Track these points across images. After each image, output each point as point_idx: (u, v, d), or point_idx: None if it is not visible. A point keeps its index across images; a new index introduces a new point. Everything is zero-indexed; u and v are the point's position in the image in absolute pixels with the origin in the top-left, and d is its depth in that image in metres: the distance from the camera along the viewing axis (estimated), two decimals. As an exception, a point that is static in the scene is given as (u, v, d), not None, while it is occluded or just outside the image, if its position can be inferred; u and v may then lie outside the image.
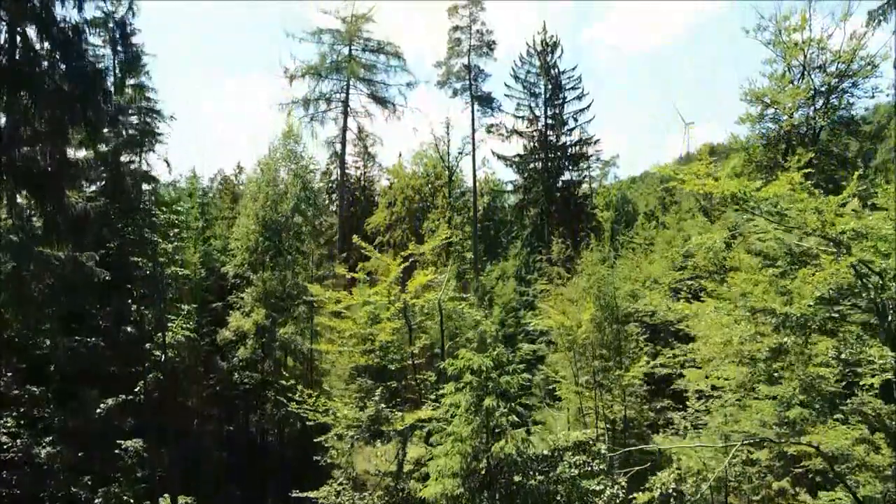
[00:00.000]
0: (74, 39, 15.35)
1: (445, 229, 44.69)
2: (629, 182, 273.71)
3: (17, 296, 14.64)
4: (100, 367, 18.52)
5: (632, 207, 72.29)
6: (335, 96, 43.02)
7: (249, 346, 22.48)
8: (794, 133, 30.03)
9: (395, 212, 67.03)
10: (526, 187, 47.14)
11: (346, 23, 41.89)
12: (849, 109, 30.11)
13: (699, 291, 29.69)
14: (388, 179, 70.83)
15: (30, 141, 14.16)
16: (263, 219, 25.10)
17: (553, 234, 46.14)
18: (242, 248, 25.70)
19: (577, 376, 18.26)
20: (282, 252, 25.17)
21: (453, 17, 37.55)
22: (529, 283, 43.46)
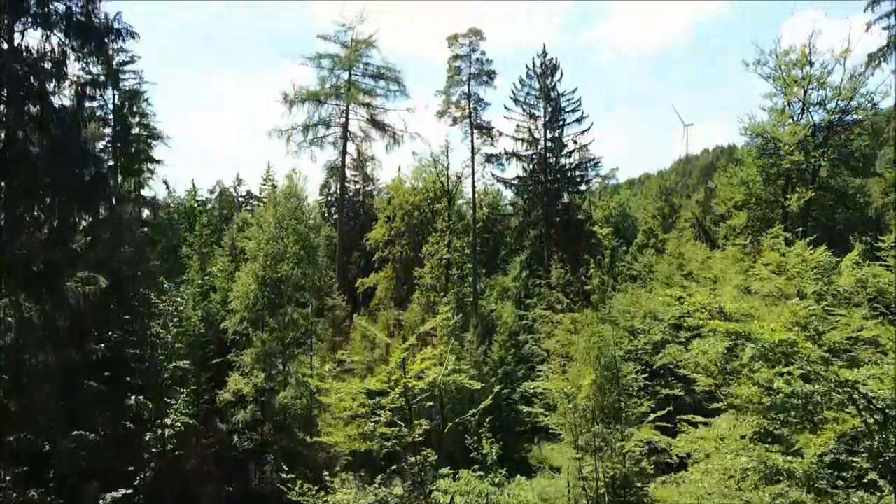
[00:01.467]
0: (74, 136, 15.31)
1: (446, 300, 44.92)
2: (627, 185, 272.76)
3: (18, 392, 14.52)
4: (99, 462, 18.15)
5: (631, 223, 72.22)
6: (334, 119, 43.04)
7: (249, 411, 22.49)
8: (794, 169, 30.05)
9: (394, 227, 66.99)
10: (525, 210, 47.14)
11: (346, 48, 41.87)
12: (849, 146, 30.14)
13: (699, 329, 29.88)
14: (387, 193, 70.97)
15: (29, 238, 14.13)
16: (262, 278, 25.09)
17: (552, 258, 46.21)
18: (242, 307, 25.69)
19: (576, 440, 18.29)
20: (282, 304, 25.08)
21: (453, 46, 37.54)
22: (529, 306, 43.51)
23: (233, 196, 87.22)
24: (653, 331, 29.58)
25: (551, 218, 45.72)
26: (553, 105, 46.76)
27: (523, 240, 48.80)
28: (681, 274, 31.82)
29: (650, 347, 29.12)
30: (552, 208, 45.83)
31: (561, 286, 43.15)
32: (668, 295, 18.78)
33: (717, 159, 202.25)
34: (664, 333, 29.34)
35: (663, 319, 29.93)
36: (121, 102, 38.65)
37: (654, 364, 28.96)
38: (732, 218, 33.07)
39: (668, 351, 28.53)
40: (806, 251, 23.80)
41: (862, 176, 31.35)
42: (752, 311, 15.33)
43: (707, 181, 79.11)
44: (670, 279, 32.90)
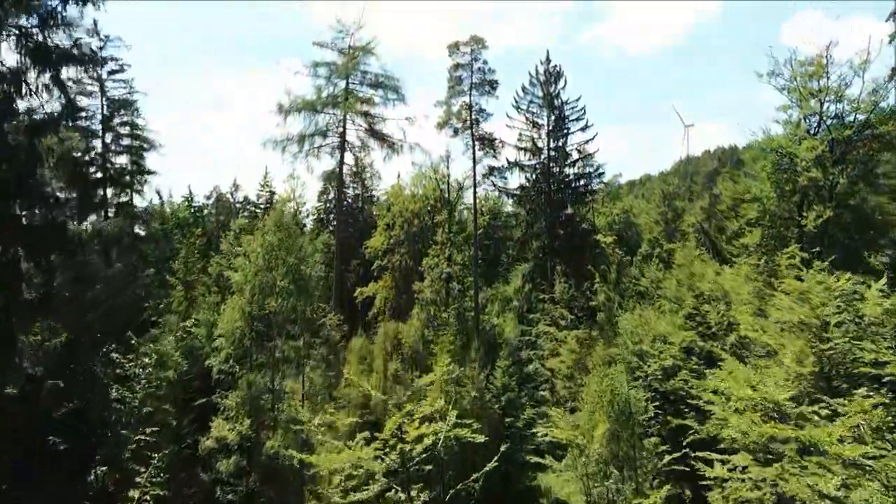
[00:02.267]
0: (28, 175, 13.92)
1: (446, 320, 43.63)
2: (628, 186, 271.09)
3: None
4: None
5: (635, 231, 70.85)
6: (332, 129, 41.70)
7: (233, 461, 21.11)
8: (811, 186, 28.72)
9: (393, 234, 65.66)
10: (528, 222, 45.83)
11: (343, 54, 40.53)
12: (869, 162, 28.82)
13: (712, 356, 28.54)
14: (386, 200, 69.60)
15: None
16: (250, 314, 23.77)
17: (556, 271, 44.93)
18: (227, 344, 24.35)
19: (588, 494, 17.03)
20: (272, 337, 23.68)
21: (454, 55, 36.22)
22: (532, 321, 42.18)
23: (230, 202, 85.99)
24: (663, 355, 28.27)
25: (555, 230, 44.41)
26: (557, 113, 45.46)
27: (526, 251, 47.49)
28: (692, 295, 30.42)
29: (660, 373, 27.83)
30: (556, 220, 44.51)
31: (565, 301, 41.90)
32: (718, 378, 17.57)
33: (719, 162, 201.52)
34: (675, 358, 28.04)
35: (674, 344, 28.62)
36: (109, 113, 37.37)
37: (665, 390, 27.70)
38: (745, 235, 31.75)
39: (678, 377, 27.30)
40: (829, 278, 22.55)
41: (884, 193, 29.96)
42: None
43: (711, 187, 77.83)
44: (680, 299, 31.52)
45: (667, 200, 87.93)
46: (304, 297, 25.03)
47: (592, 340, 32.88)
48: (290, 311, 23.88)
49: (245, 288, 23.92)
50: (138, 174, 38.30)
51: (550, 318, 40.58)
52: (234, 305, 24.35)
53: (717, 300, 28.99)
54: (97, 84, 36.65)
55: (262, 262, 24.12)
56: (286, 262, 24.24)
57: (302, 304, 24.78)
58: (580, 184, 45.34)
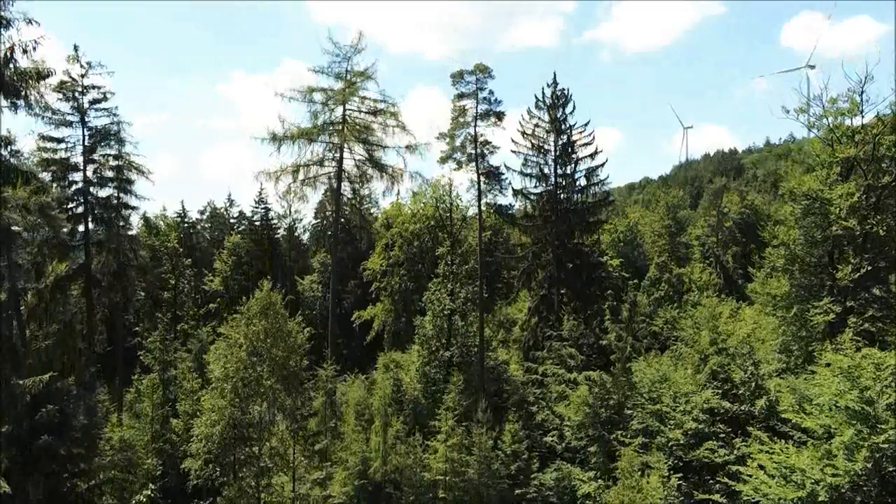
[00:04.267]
0: None
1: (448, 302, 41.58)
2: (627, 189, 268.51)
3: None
4: None
5: (642, 252, 68.79)
6: (328, 157, 39.50)
7: None
8: (846, 236, 26.68)
9: (392, 255, 63.53)
10: (534, 252, 43.70)
11: (340, 79, 38.34)
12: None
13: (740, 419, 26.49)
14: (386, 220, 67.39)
15: None
16: (231, 416, 21.61)
17: (563, 305, 42.88)
18: (204, 450, 22.07)
19: None
20: (257, 437, 21.51)
21: (458, 84, 34.09)
22: (538, 359, 40.06)
23: (224, 217, 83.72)
24: (685, 417, 26.21)
25: (562, 262, 42.31)
26: (564, 138, 43.37)
27: (531, 282, 45.38)
28: (714, 349, 28.33)
29: (683, 438, 25.77)
30: (563, 251, 42.41)
31: (574, 339, 39.85)
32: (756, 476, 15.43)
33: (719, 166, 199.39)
34: (698, 421, 25.99)
35: (696, 405, 26.56)
36: (91, 144, 35.14)
37: (689, 459, 25.67)
38: (771, 284, 29.70)
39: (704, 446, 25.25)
40: (876, 352, 20.53)
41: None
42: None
43: (718, 203, 75.92)
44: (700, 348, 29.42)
45: (671, 213, 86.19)
46: (294, 395, 22.81)
47: (607, 393, 30.80)
48: (277, 410, 21.72)
49: (226, 386, 21.76)
50: (123, 208, 36.05)
51: (559, 358, 38.53)
52: (212, 406, 22.16)
53: (744, 357, 26.94)
54: (78, 114, 34.39)
55: (245, 356, 21.94)
56: (272, 356, 22.04)
57: (291, 402, 22.59)
58: (590, 215, 43.28)
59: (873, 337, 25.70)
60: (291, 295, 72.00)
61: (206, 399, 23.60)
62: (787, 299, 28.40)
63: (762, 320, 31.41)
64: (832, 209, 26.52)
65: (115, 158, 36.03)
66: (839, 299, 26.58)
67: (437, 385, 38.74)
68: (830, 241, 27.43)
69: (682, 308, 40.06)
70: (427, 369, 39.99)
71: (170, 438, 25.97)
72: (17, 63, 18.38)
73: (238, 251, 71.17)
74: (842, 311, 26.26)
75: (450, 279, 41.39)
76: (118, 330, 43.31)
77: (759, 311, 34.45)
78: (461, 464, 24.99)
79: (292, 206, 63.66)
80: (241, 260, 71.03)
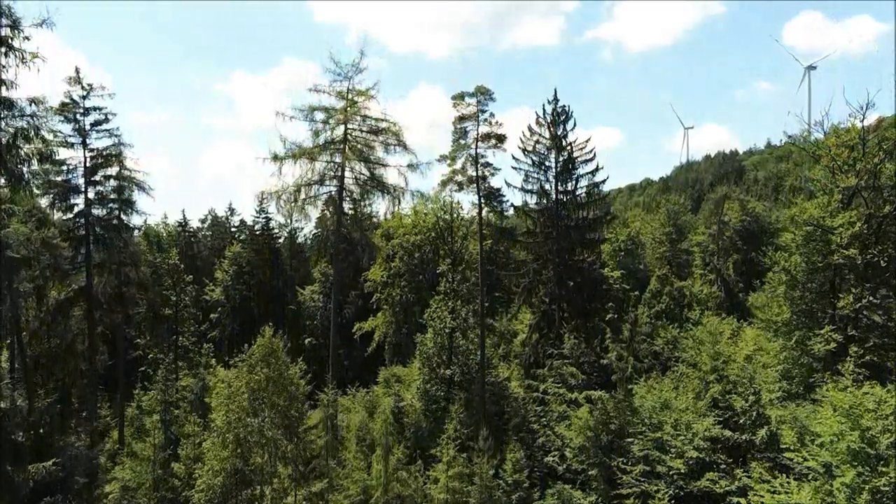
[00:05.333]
0: None
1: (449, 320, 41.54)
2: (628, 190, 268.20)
3: None
4: None
5: (644, 264, 68.72)
6: (329, 175, 39.44)
7: None
8: (847, 264, 26.66)
9: (393, 266, 63.50)
10: (535, 269, 43.68)
11: (342, 98, 38.28)
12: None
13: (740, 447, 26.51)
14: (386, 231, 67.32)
15: None
16: (232, 468, 21.60)
17: (564, 322, 42.86)
18: (206, 498, 22.01)
19: None
20: (257, 480, 21.44)
21: (459, 106, 34.02)
22: (539, 377, 40.07)
23: (226, 225, 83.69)
24: (686, 447, 26.22)
25: (563, 280, 42.31)
26: (565, 155, 43.34)
27: (532, 298, 45.37)
28: (715, 376, 28.34)
29: (684, 467, 25.78)
30: (564, 268, 42.40)
31: (575, 357, 39.86)
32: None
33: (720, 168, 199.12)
34: (699, 450, 26.01)
35: (697, 433, 26.57)
36: (92, 166, 35.12)
37: (690, 489, 25.68)
38: (774, 310, 29.70)
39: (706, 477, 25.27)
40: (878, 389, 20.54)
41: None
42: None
43: (719, 212, 75.84)
44: (701, 373, 29.44)
45: (671, 220, 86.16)
46: (296, 442, 22.77)
47: (608, 418, 30.79)
48: (279, 459, 21.67)
49: (228, 436, 21.77)
50: (124, 230, 36.05)
51: (560, 377, 38.55)
52: (213, 455, 22.16)
53: (745, 384, 26.94)
54: (79, 136, 34.39)
55: (246, 405, 21.94)
56: (274, 405, 22.00)
57: (292, 448, 22.58)
58: (591, 232, 43.29)
59: (875, 366, 25.76)
60: (292, 305, 72.32)
61: (208, 447, 23.58)
62: (788, 325, 28.41)
63: (764, 342, 31.39)
64: (833, 237, 26.52)
65: (116, 179, 36.02)
66: (840, 327, 26.60)
67: (438, 403, 38.77)
68: (832, 269, 27.43)
69: (683, 327, 39.97)
70: (428, 387, 39.99)
71: (172, 485, 25.98)
72: (20, 149, 18.55)
73: (239, 261, 71.22)
74: (843, 339, 26.28)
75: (451, 296, 41.35)
76: (119, 344, 43.38)
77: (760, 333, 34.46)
78: (462, 493, 25.02)
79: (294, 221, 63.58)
80: (242, 269, 71.06)
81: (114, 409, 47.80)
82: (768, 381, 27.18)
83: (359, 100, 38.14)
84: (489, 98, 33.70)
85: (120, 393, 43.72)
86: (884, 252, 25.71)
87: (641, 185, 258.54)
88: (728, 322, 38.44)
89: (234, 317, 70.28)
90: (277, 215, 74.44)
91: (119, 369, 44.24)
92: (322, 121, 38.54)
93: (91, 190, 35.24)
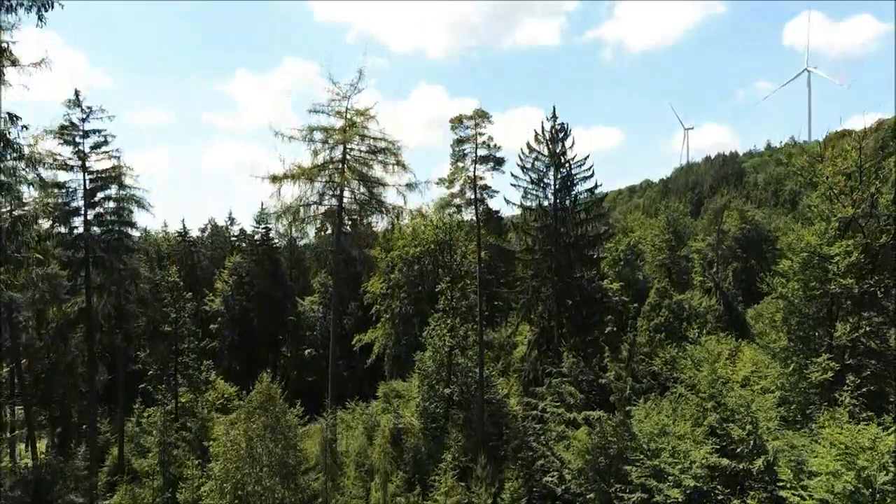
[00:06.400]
0: None
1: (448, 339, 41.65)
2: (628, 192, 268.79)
3: None
4: None
5: (642, 274, 68.81)
6: (328, 192, 39.53)
7: None
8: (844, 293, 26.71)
9: (392, 278, 63.61)
10: (533, 287, 43.76)
11: (341, 117, 38.38)
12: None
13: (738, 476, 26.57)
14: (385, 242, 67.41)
15: None
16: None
17: (563, 338, 42.95)
18: None
19: None
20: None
21: (457, 129, 34.12)
22: (538, 395, 40.18)
23: (226, 235, 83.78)
24: (684, 476, 26.27)
25: (562, 297, 42.41)
26: (564, 172, 43.44)
27: (531, 314, 45.47)
28: (713, 403, 28.40)
29: (681, 496, 25.83)
30: (563, 286, 42.48)
31: (574, 376, 39.94)
32: None
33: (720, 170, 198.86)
34: (697, 479, 26.07)
35: (694, 461, 26.64)
36: (92, 189, 35.21)
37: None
38: (771, 336, 29.77)
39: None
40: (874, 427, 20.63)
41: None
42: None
43: (719, 222, 76.13)
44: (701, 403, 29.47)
45: (671, 227, 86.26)
46: (293, 490, 22.82)
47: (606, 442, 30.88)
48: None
49: (226, 486, 21.82)
50: (124, 252, 36.12)
51: (558, 395, 38.65)
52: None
53: (742, 413, 26.99)
54: (79, 159, 34.48)
55: (244, 453, 21.99)
56: (272, 453, 22.07)
57: (290, 495, 22.58)
58: (590, 251, 43.42)
59: (873, 395, 25.84)
60: (292, 316, 72.42)
61: (207, 492, 23.64)
62: (785, 351, 28.49)
63: (762, 364, 31.42)
64: (830, 266, 26.58)
65: (115, 200, 36.13)
66: (837, 355, 26.67)
67: (437, 422, 38.88)
68: (829, 297, 27.49)
69: (682, 346, 40.04)
70: (427, 405, 40.10)
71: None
72: (20, 236, 18.66)
73: (239, 271, 71.32)
74: (840, 368, 26.35)
75: (449, 314, 41.44)
76: (119, 361, 43.52)
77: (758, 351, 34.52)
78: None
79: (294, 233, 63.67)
80: (241, 279, 71.18)
81: (113, 423, 47.95)
82: (765, 407, 27.20)
83: (358, 119, 38.21)
84: (487, 121, 33.82)
85: (120, 408, 43.86)
86: (881, 282, 25.77)
87: (641, 186, 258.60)
88: (726, 342, 38.52)
89: (233, 327, 70.44)
90: (277, 225, 74.63)
91: (119, 385, 44.38)
92: (321, 140, 38.64)
93: (90, 212, 35.33)
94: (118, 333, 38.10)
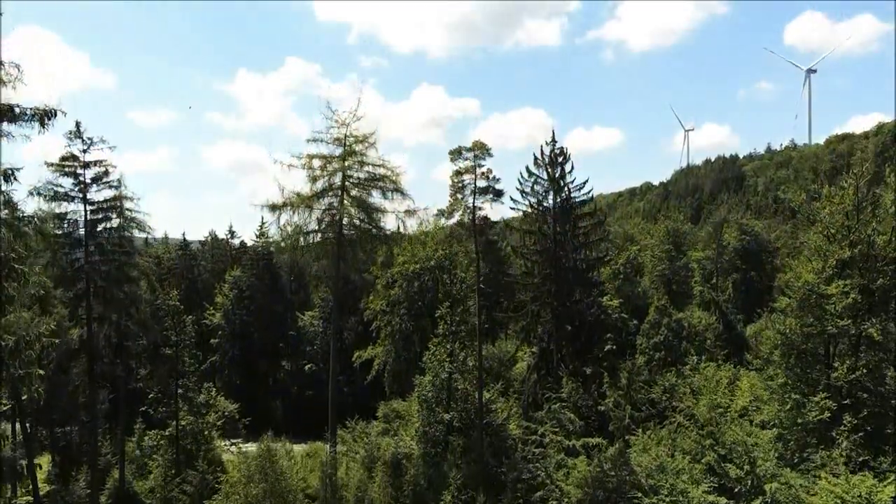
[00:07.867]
0: None
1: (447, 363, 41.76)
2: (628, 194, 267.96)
3: None
4: None
5: (641, 288, 68.86)
6: (326, 219, 39.62)
7: None
8: (841, 333, 26.84)
9: (392, 294, 63.64)
10: (533, 312, 43.89)
11: (340, 144, 38.44)
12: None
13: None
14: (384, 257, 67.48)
15: None
16: None
17: (562, 361, 43.12)
18: None
19: None
20: None
21: (457, 161, 34.21)
22: (538, 420, 40.31)
23: (226, 247, 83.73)
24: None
25: (561, 322, 42.55)
26: (563, 196, 43.57)
27: (531, 337, 45.63)
28: (711, 441, 28.51)
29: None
30: (563, 310, 42.63)
31: (574, 402, 40.08)
32: None
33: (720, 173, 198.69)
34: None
35: (693, 499, 26.76)
36: (93, 220, 35.31)
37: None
38: (769, 372, 29.89)
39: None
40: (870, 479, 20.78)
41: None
42: None
43: (719, 234, 76.23)
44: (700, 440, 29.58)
45: (670, 237, 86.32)
46: None
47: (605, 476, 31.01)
48: None
49: None
50: (126, 282, 36.25)
51: (558, 421, 38.78)
52: None
53: (740, 453, 27.11)
54: (79, 191, 34.57)
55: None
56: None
57: None
58: (589, 274, 43.58)
59: (870, 435, 25.93)
60: (292, 331, 72.51)
61: None
62: (783, 388, 28.59)
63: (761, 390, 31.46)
64: (828, 306, 26.68)
65: (116, 230, 36.25)
66: (834, 394, 26.78)
67: (437, 447, 39.00)
68: (826, 336, 27.60)
69: (680, 371, 40.15)
70: (427, 429, 40.21)
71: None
72: (21, 354, 18.67)
73: (239, 284, 71.37)
74: (837, 407, 26.45)
75: (449, 339, 41.53)
76: (119, 387, 43.65)
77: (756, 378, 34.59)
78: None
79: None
80: (242, 293, 71.23)
81: (114, 445, 48.11)
82: (763, 442, 27.28)
83: (357, 147, 38.29)
84: (486, 153, 33.87)
85: (120, 429, 44.02)
86: (878, 325, 25.87)
87: (642, 188, 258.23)
88: (725, 369, 38.64)
89: (234, 341, 70.55)
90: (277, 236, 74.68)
91: (120, 406, 44.52)
92: (320, 167, 38.70)
93: (91, 242, 35.41)
94: (118, 363, 38.24)
